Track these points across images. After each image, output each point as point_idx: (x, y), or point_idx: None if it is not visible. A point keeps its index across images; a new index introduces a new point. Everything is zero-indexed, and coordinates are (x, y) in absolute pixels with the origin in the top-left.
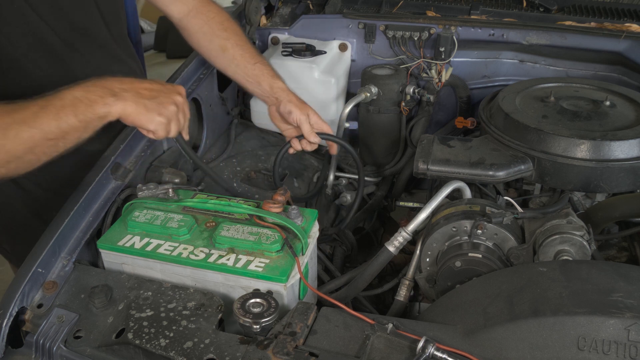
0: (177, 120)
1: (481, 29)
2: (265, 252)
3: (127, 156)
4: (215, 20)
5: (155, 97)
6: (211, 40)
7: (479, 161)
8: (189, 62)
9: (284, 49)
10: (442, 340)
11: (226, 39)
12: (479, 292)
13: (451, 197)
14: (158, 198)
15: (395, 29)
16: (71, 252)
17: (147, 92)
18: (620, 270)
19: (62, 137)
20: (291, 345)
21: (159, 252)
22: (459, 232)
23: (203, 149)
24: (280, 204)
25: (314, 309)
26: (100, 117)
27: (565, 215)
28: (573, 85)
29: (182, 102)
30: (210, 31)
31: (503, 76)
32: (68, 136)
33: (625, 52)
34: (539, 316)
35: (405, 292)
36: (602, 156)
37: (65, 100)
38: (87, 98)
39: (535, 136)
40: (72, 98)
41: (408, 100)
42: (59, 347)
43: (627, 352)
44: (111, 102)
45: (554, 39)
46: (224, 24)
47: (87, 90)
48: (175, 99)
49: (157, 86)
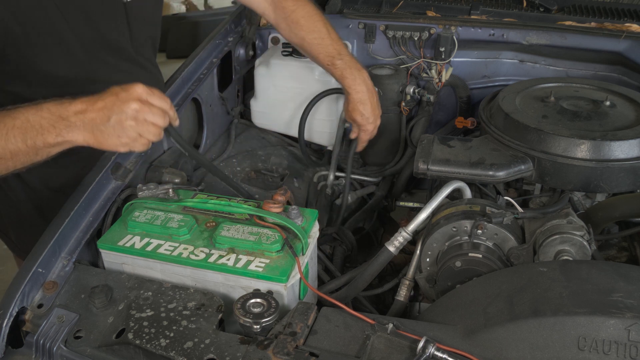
0: (147, 128)
1: (481, 29)
2: (265, 252)
3: (127, 156)
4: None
5: (108, 117)
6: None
7: (479, 161)
8: (189, 62)
9: (284, 49)
10: (442, 340)
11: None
12: (479, 292)
13: (451, 197)
14: (158, 198)
15: (395, 29)
16: (71, 252)
17: (101, 114)
18: (620, 270)
19: (11, 158)
20: (291, 345)
21: (159, 252)
22: (459, 232)
23: (203, 149)
24: (280, 204)
25: (314, 309)
26: (53, 145)
27: (566, 215)
28: (573, 85)
29: (139, 107)
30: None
31: (503, 76)
32: (16, 158)
33: (625, 52)
34: (539, 316)
35: (405, 292)
36: (602, 156)
37: (17, 120)
38: (38, 124)
39: (535, 136)
40: (24, 120)
41: (408, 100)
42: (59, 347)
43: (627, 352)
44: (64, 132)
45: (554, 39)
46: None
47: (40, 115)
48: (130, 108)
49: (110, 101)
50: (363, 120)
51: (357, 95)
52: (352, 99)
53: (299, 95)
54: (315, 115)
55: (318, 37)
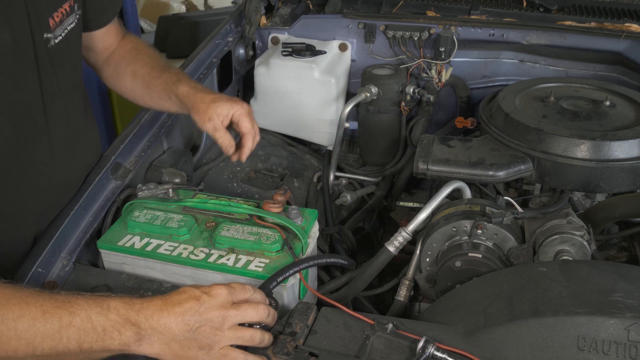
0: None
1: (481, 29)
2: (265, 252)
3: (127, 156)
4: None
5: (201, 345)
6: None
7: (479, 161)
8: (189, 62)
9: (284, 49)
10: (442, 340)
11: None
12: (479, 292)
13: (451, 197)
14: (158, 198)
15: (395, 29)
16: (71, 252)
17: (189, 338)
18: (620, 270)
19: (55, 356)
20: (291, 345)
21: (159, 252)
22: (459, 232)
23: (203, 148)
24: (280, 204)
25: (314, 309)
26: (113, 350)
27: (565, 215)
28: (573, 85)
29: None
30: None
31: (503, 76)
32: (63, 357)
33: (625, 52)
34: (539, 316)
35: (405, 292)
36: (602, 156)
37: (75, 318)
38: (102, 326)
39: (535, 136)
40: (85, 318)
41: (408, 100)
42: None
43: (627, 352)
44: (132, 344)
45: (554, 39)
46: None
47: (107, 316)
48: (239, 337)
49: (206, 325)
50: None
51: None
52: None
53: (298, 95)
54: (315, 115)
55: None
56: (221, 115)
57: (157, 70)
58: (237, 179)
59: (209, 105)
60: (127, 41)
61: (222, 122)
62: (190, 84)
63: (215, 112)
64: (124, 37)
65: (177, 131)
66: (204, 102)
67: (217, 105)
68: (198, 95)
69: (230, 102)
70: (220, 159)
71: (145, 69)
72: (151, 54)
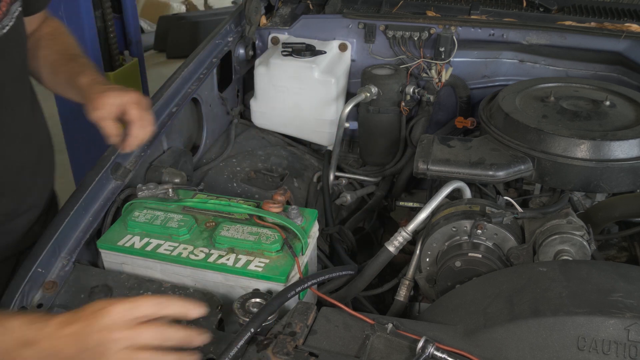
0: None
1: (481, 29)
2: (265, 252)
3: (127, 156)
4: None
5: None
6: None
7: (479, 161)
8: (188, 62)
9: (284, 49)
10: (442, 340)
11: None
12: (479, 292)
13: (451, 197)
14: (158, 198)
15: (395, 29)
16: (71, 252)
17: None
18: (620, 270)
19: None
20: (291, 345)
21: (159, 252)
22: (459, 232)
23: (203, 149)
24: (280, 204)
25: (313, 309)
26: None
27: (565, 215)
28: (573, 85)
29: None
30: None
31: (503, 76)
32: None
33: (625, 52)
34: (539, 316)
35: (405, 292)
36: (602, 156)
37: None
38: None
39: (535, 136)
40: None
41: (408, 100)
42: None
43: (627, 352)
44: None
45: (554, 39)
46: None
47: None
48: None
49: (89, 351)
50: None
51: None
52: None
53: (298, 95)
54: (315, 115)
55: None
56: (107, 104)
57: (65, 58)
58: (237, 179)
59: (98, 95)
60: (47, 25)
61: (110, 111)
62: (91, 77)
63: (102, 101)
64: (45, 20)
65: (177, 131)
66: (96, 93)
67: (107, 95)
68: (94, 87)
69: (120, 91)
70: (220, 159)
71: (54, 56)
72: (65, 41)
